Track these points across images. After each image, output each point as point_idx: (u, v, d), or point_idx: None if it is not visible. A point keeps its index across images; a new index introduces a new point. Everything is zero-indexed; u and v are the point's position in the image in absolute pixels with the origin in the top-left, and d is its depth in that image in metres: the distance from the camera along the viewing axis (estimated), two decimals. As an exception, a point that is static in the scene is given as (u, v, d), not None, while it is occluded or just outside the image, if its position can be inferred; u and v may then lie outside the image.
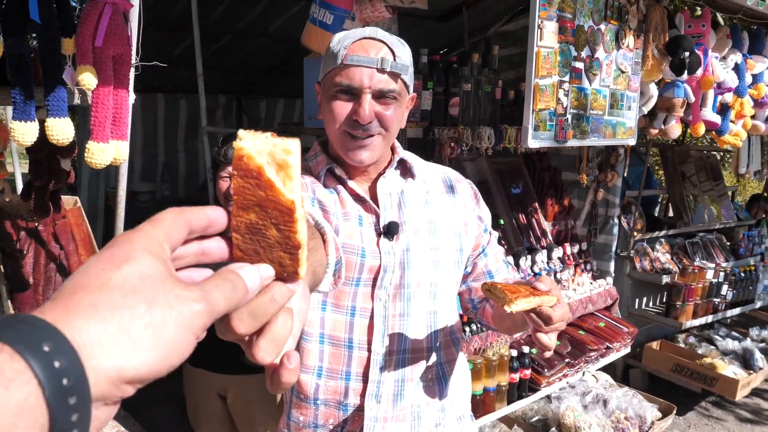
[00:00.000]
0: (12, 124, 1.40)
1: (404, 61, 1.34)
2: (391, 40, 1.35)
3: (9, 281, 2.12)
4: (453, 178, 1.55)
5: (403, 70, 1.34)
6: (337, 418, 1.44)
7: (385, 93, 1.32)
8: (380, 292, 1.38)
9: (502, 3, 4.53)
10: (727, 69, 3.09)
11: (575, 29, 2.34)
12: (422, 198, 1.45)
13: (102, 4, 1.44)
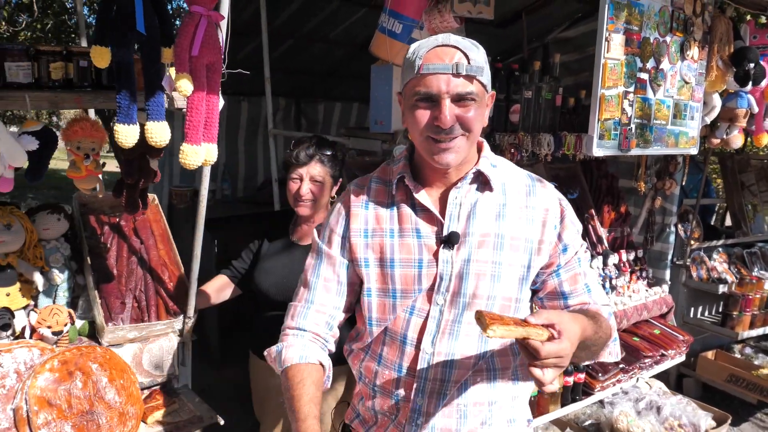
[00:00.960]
0: (116, 127, 1.53)
1: (479, 62, 1.38)
2: (465, 44, 1.39)
3: (95, 272, 2.27)
4: (540, 193, 1.51)
5: (479, 72, 1.38)
6: (390, 407, 1.54)
7: (463, 96, 1.36)
8: (438, 296, 1.45)
9: (561, 10, 4.54)
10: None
11: (641, 41, 2.37)
12: (496, 211, 1.47)
13: (198, 16, 1.56)
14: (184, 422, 2.14)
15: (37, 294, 2.25)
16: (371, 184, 1.58)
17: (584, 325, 1.33)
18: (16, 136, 1.71)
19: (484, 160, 1.50)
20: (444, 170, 1.46)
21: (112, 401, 2.00)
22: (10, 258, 2.17)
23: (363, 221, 1.53)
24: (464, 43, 1.40)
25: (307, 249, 2.46)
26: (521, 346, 1.21)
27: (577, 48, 4.60)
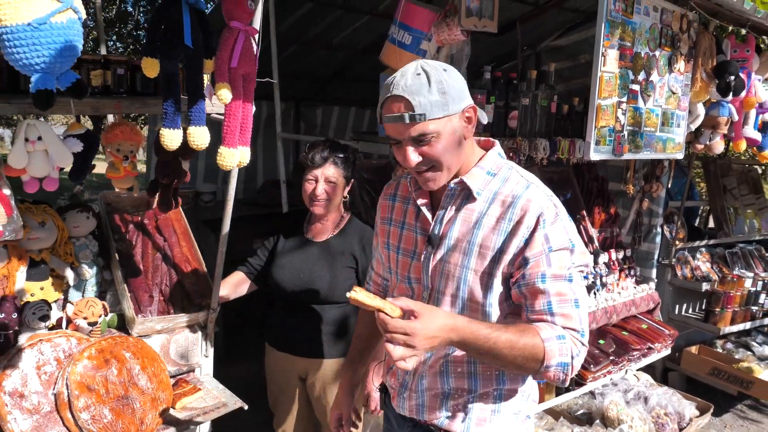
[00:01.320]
0: (162, 131, 1.67)
1: (425, 105, 1.44)
2: (413, 89, 1.45)
3: (123, 268, 2.41)
4: (521, 206, 1.53)
5: (422, 118, 1.45)
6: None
7: (418, 139, 1.48)
8: (425, 290, 1.67)
9: (553, 19, 4.72)
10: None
11: (633, 56, 2.56)
12: (474, 219, 1.57)
13: (237, 31, 1.71)
14: (210, 408, 2.28)
15: (67, 288, 2.38)
16: (401, 179, 1.81)
17: (484, 333, 1.41)
18: (62, 138, 1.84)
19: (477, 170, 1.59)
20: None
21: (145, 387, 2.14)
22: (43, 254, 2.30)
23: (388, 210, 1.80)
24: (412, 88, 1.45)
25: (320, 245, 2.64)
26: (377, 319, 1.34)
27: (568, 56, 4.78)
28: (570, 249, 1.52)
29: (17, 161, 1.76)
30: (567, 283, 1.50)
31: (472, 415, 1.66)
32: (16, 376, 1.97)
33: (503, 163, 1.64)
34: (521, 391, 1.70)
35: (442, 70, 1.52)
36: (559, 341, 1.46)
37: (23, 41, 1.19)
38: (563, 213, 1.56)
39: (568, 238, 1.52)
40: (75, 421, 1.97)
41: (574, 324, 1.50)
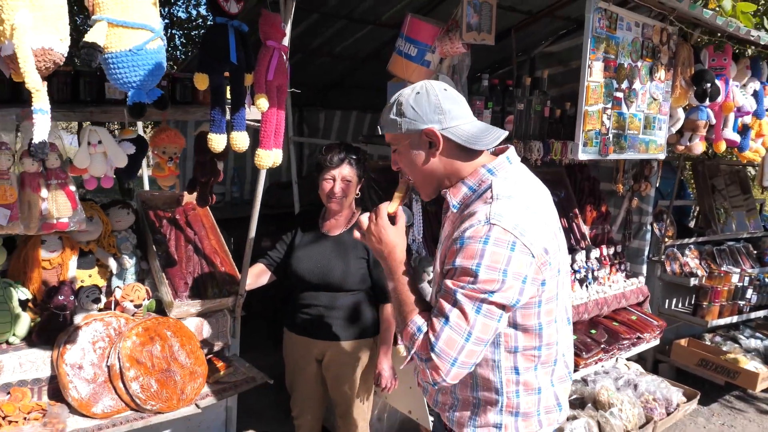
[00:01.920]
0: (210, 135, 1.95)
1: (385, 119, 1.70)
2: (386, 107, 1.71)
3: (161, 258, 2.69)
4: (468, 226, 1.55)
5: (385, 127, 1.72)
6: None
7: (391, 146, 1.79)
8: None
9: (546, 27, 5.01)
10: (746, 95, 3.58)
11: (617, 67, 2.86)
12: (449, 227, 1.74)
13: (272, 49, 1.99)
14: (240, 381, 2.57)
15: (110, 276, 2.66)
16: None
17: (397, 266, 1.67)
18: (118, 142, 2.13)
19: (461, 185, 1.69)
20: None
21: (184, 362, 2.42)
22: (91, 245, 2.59)
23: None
24: (387, 105, 1.72)
25: (334, 239, 2.91)
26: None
27: (560, 61, 5.05)
28: (472, 273, 1.49)
29: (81, 162, 2.04)
30: (450, 299, 1.52)
31: (453, 415, 1.76)
32: (75, 350, 2.25)
33: (489, 179, 1.66)
34: (499, 405, 1.68)
35: (415, 93, 1.65)
36: (418, 332, 1.56)
37: (124, 64, 1.46)
38: (497, 237, 1.50)
39: (476, 262, 1.49)
40: (126, 390, 2.25)
41: (431, 335, 1.52)
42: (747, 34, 3.19)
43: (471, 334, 1.50)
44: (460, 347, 1.50)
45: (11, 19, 1.21)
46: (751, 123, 3.77)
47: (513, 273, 1.49)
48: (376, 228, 1.69)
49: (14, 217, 1.94)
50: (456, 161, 1.67)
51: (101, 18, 1.40)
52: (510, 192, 1.61)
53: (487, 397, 1.69)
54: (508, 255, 1.49)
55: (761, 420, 4.68)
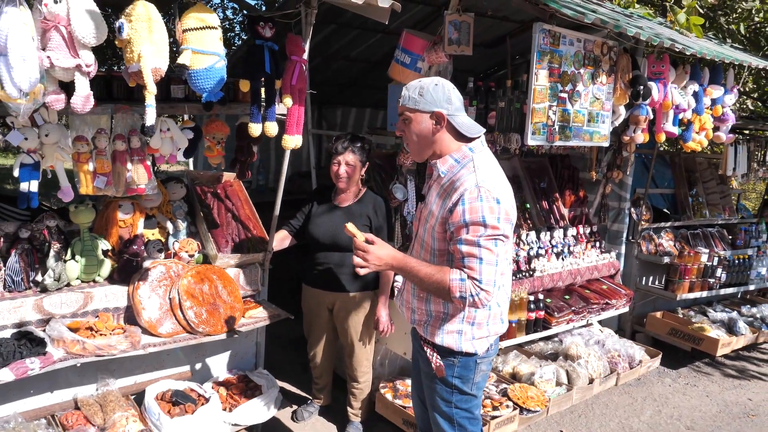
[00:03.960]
0: (250, 124, 2.68)
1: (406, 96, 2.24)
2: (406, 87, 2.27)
3: (207, 222, 3.43)
4: (456, 186, 2.17)
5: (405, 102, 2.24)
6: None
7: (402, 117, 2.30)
8: (415, 233, 2.51)
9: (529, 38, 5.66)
10: (685, 95, 4.24)
11: (561, 73, 3.57)
12: (437, 191, 2.30)
13: (295, 62, 2.72)
14: (268, 317, 3.29)
15: (167, 236, 3.41)
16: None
17: (411, 264, 2.19)
18: (181, 130, 2.87)
19: (448, 158, 2.25)
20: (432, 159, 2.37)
21: (226, 299, 3.16)
22: (153, 211, 3.34)
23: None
24: (410, 85, 2.26)
25: (344, 209, 3.62)
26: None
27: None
28: (482, 223, 2.09)
29: (155, 144, 2.78)
30: (475, 247, 2.10)
31: (428, 328, 2.41)
32: (146, 285, 3.00)
33: (470, 154, 2.24)
34: (460, 316, 2.32)
35: (435, 83, 2.21)
36: (461, 282, 2.12)
37: (201, 77, 2.21)
38: (487, 195, 2.10)
39: (481, 215, 2.08)
40: (183, 316, 2.99)
41: (475, 274, 2.10)
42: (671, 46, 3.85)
43: (498, 260, 2.12)
44: (495, 272, 2.12)
45: (138, 50, 1.97)
46: (692, 118, 4.44)
47: (503, 217, 2.12)
48: (368, 258, 2.15)
49: (109, 183, 2.69)
50: (449, 139, 2.27)
51: (187, 48, 2.15)
52: (486, 165, 2.22)
53: (453, 311, 2.33)
54: (496, 207, 2.10)
55: (722, 381, 5.29)
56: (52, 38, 1.89)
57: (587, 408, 4.52)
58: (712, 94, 4.41)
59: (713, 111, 4.49)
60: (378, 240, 2.24)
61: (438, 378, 2.42)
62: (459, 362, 2.38)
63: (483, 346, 2.39)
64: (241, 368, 3.52)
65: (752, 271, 6.01)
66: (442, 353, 2.38)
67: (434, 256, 2.32)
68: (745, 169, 5.86)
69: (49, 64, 1.90)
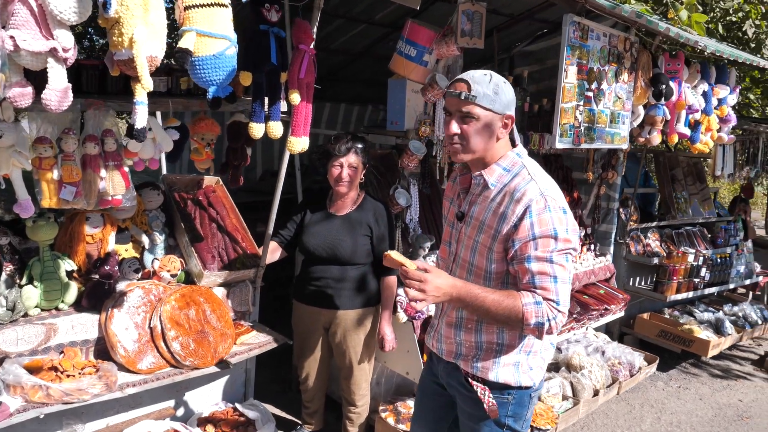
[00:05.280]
0: (251, 124, 2.26)
1: (480, 91, 1.87)
2: (475, 78, 1.90)
3: (189, 234, 2.99)
4: (517, 198, 1.89)
5: (479, 98, 1.87)
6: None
7: (463, 114, 1.92)
8: (450, 254, 2.19)
9: (525, 29, 5.39)
10: (696, 95, 4.06)
11: (588, 70, 3.28)
12: (486, 205, 2.00)
13: (303, 52, 2.32)
14: (264, 343, 2.90)
15: (142, 251, 2.95)
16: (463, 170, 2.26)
17: (475, 292, 1.86)
18: (164, 129, 2.43)
19: (495, 166, 1.99)
20: (473, 165, 2.06)
21: (215, 325, 2.74)
22: (127, 222, 2.88)
23: (450, 189, 2.29)
24: (476, 78, 1.91)
25: (342, 218, 3.24)
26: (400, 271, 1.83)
27: (538, 60, 5.43)
28: (553, 236, 1.84)
29: (135, 146, 2.34)
30: (548, 264, 1.85)
31: (477, 363, 2.09)
32: (122, 314, 2.55)
33: (519, 161, 2.01)
34: (517, 346, 2.05)
35: (503, 81, 1.93)
36: (536, 306, 1.84)
37: (208, 66, 1.77)
38: (554, 205, 1.87)
39: (552, 227, 1.84)
40: (167, 348, 2.56)
41: (551, 295, 1.85)
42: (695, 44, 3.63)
43: (570, 276, 1.89)
44: (569, 291, 1.90)
45: (129, 33, 1.52)
46: (700, 119, 4.25)
47: (571, 228, 1.89)
48: (426, 289, 1.80)
49: (78, 194, 2.23)
50: (503, 145, 2.01)
51: (191, 29, 1.71)
52: (540, 171, 1.99)
53: (509, 342, 2.04)
54: (564, 217, 1.87)
55: (712, 382, 5.21)
56: (16, 13, 1.43)
57: (589, 419, 4.31)
58: (719, 94, 4.24)
59: (719, 111, 4.31)
60: (432, 268, 1.89)
61: (491, 420, 2.10)
62: (514, 399, 2.09)
63: (539, 376, 2.12)
64: (229, 400, 3.10)
65: (732, 269, 5.95)
66: (494, 390, 2.08)
67: (489, 280, 2.02)
68: (732, 168, 5.77)
69: (13, 46, 1.43)
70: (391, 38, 5.05)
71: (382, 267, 3.27)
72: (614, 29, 3.47)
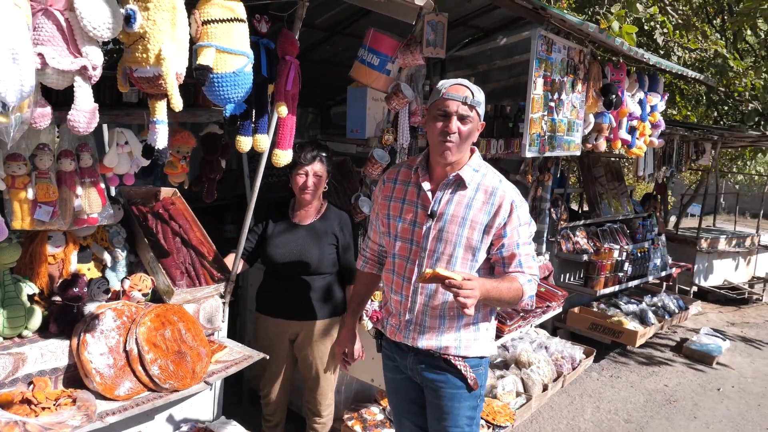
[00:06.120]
0: (238, 137, 2.21)
1: (479, 98, 2.15)
2: (474, 88, 2.16)
3: (153, 250, 2.86)
4: (500, 195, 2.20)
5: (478, 105, 2.13)
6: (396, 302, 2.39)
7: (463, 116, 2.14)
8: (422, 250, 2.28)
9: (457, 34, 5.53)
10: (634, 103, 4.35)
11: (552, 82, 3.44)
12: (466, 202, 2.21)
13: (290, 63, 2.28)
14: (239, 360, 2.81)
15: (104, 269, 2.79)
16: (402, 167, 2.41)
17: (493, 285, 2.10)
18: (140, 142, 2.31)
19: (467, 167, 2.23)
20: (443, 166, 2.23)
21: (191, 344, 2.64)
22: (88, 240, 2.72)
23: (390, 190, 2.37)
24: (474, 88, 2.17)
25: (307, 228, 3.21)
26: (445, 285, 1.96)
27: (468, 65, 5.59)
28: (528, 223, 2.26)
29: (111, 161, 2.22)
30: (528, 246, 2.25)
31: (460, 345, 2.31)
32: (95, 338, 2.41)
33: (482, 162, 2.31)
34: (480, 318, 2.33)
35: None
36: (529, 283, 2.22)
37: (228, 84, 1.70)
38: (523, 199, 2.26)
39: (527, 217, 2.25)
40: (145, 371, 2.44)
41: (534, 272, 2.25)
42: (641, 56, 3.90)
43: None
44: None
45: (156, 49, 1.44)
46: (637, 125, 4.57)
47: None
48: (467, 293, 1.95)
49: (55, 214, 2.09)
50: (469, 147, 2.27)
51: (210, 44, 1.64)
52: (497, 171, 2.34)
53: (482, 319, 2.32)
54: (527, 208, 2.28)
55: (639, 370, 5.59)
56: (40, 27, 1.31)
57: (537, 413, 4.51)
58: (652, 101, 4.56)
59: (652, 117, 4.64)
60: (466, 273, 2.12)
61: (470, 394, 2.34)
62: (484, 368, 2.39)
63: (495, 343, 2.51)
64: (200, 419, 2.99)
65: (650, 262, 6.40)
66: (472, 365, 2.33)
67: (472, 269, 2.25)
68: (652, 169, 6.20)
69: (41, 64, 1.32)
70: (329, 42, 5.03)
71: (347, 276, 3.27)
72: (571, 42, 3.66)
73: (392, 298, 2.41)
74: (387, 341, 2.53)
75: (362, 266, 2.62)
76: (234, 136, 2.19)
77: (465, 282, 1.96)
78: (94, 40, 1.39)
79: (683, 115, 8.91)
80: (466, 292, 1.96)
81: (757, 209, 9.69)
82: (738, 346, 6.48)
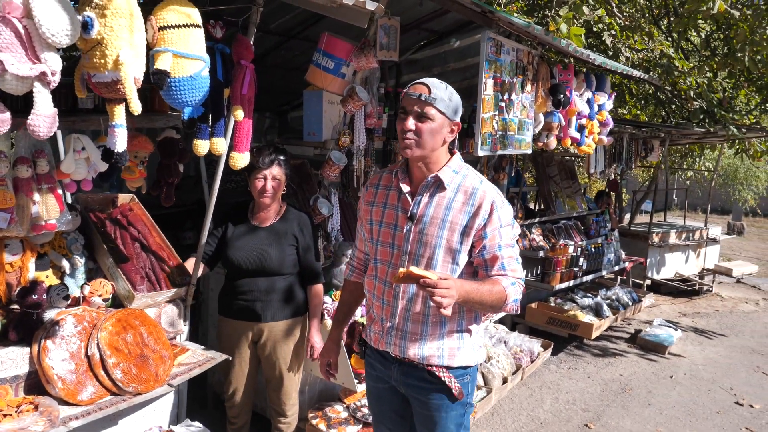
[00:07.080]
0: (196, 141, 2.25)
1: (438, 95, 2.05)
2: (434, 84, 2.07)
3: (113, 255, 2.87)
4: (480, 195, 2.12)
5: (437, 101, 2.04)
6: (378, 307, 2.36)
7: (420, 114, 2.07)
8: (404, 253, 2.27)
9: (411, 38, 5.64)
10: (583, 102, 4.53)
11: (502, 83, 3.56)
12: (445, 204, 2.16)
13: (245, 67, 2.34)
14: (202, 362, 2.84)
15: (63, 276, 2.79)
16: (384, 172, 2.41)
17: (473, 287, 1.99)
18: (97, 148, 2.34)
19: (446, 168, 2.18)
20: (420, 168, 2.21)
21: (153, 347, 2.66)
22: (45, 247, 2.71)
23: (373, 195, 2.37)
24: (435, 84, 2.09)
25: (267, 230, 3.26)
26: (420, 285, 1.88)
27: (423, 68, 5.70)
28: (511, 225, 2.17)
29: (68, 167, 2.23)
30: (511, 248, 2.16)
31: (444, 355, 2.22)
32: (56, 344, 2.41)
33: (463, 164, 2.25)
34: (465, 325, 2.24)
35: (454, 91, 2.14)
36: (513, 286, 2.10)
37: (185, 87, 1.74)
38: (505, 200, 2.18)
39: (509, 218, 2.16)
40: (108, 375, 2.46)
41: (518, 274, 2.15)
42: (587, 57, 4.07)
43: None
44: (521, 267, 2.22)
45: (114, 55, 1.48)
46: (585, 124, 4.75)
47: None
48: (443, 293, 1.88)
49: (13, 221, 2.10)
50: (444, 149, 2.20)
51: (167, 50, 1.68)
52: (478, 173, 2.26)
53: (466, 327, 2.23)
54: (511, 210, 2.20)
55: (595, 361, 5.78)
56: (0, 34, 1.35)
57: (497, 406, 4.62)
58: (600, 100, 4.74)
59: (600, 116, 4.82)
60: (444, 273, 2.04)
61: (456, 403, 2.26)
62: (470, 377, 2.29)
63: (483, 351, 2.39)
64: (160, 424, 3.00)
65: (604, 257, 6.62)
66: (456, 375, 2.24)
67: (454, 272, 2.17)
68: (603, 166, 6.42)
69: (1, 70, 1.35)
70: (285, 47, 5.08)
71: (308, 276, 3.32)
72: (520, 44, 3.80)
73: (374, 304, 2.36)
74: (371, 350, 2.47)
75: (349, 275, 2.58)
76: (191, 140, 2.23)
77: (440, 281, 1.91)
78: (52, 47, 1.43)
79: (633, 114, 9.23)
80: (441, 291, 1.89)
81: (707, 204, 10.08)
82: (689, 336, 6.74)
